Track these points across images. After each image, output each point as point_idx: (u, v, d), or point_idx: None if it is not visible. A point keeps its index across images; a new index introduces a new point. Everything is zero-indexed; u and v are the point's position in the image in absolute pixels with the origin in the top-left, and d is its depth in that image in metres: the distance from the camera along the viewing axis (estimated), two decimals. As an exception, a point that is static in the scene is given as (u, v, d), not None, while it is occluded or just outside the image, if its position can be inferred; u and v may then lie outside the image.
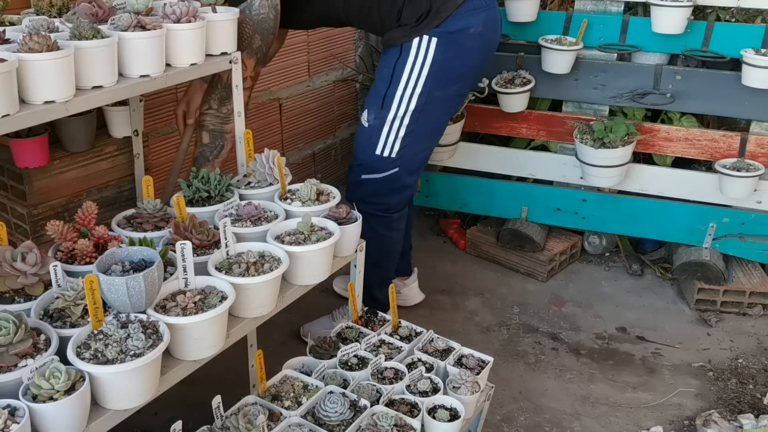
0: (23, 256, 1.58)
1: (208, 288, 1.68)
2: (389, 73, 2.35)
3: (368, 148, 2.43)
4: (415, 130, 2.40)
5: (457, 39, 2.31)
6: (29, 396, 1.35)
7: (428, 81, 2.32)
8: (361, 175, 2.48)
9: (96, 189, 2.30)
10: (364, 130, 2.44)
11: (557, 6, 3.32)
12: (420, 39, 2.29)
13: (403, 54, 2.32)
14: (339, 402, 1.82)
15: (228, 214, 1.99)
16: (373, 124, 2.40)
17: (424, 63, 2.30)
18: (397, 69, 2.33)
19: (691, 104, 2.97)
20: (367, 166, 2.46)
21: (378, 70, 2.44)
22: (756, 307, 2.99)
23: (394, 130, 2.39)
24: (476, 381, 2.01)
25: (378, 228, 2.52)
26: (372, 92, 2.44)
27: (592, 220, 3.23)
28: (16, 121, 1.53)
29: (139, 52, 1.76)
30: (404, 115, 2.37)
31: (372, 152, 2.43)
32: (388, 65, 2.36)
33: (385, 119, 2.38)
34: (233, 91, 2.12)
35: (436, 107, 2.41)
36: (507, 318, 2.96)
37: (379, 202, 2.50)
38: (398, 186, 2.50)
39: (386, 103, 2.37)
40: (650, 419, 2.42)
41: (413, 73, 2.31)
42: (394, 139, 2.40)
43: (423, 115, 2.38)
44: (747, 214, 2.98)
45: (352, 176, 2.53)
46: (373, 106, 2.40)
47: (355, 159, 2.51)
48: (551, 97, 3.19)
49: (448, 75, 2.35)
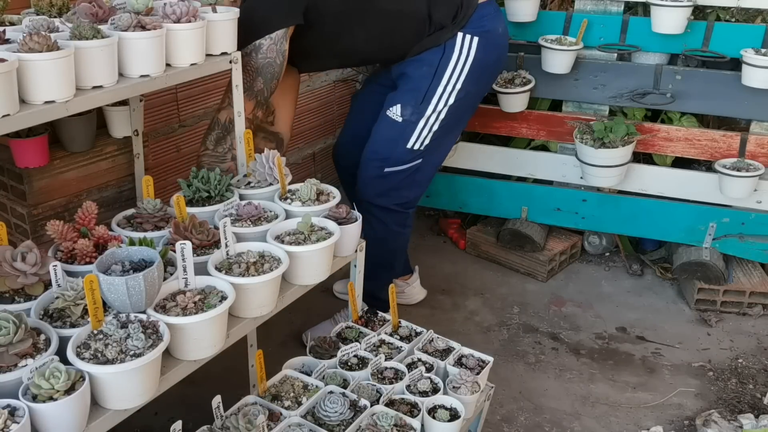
0: (23, 256, 1.58)
1: (208, 288, 1.68)
2: (431, 71, 2.38)
3: (399, 143, 2.45)
4: (447, 124, 2.46)
5: (493, 38, 2.41)
6: (29, 396, 1.35)
7: (468, 77, 2.39)
8: (384, 168, 2.48)
9: (96, 189, 2.30)
10: (396, 125, 2.44)
11: (557, 6, 3.32)
12: (463, 36, 2.35)
13: (447, 51, 2.37)
14: (339, 402, 1.82)
15: (228, 214, 1.99)
16: (409, 119, 2.42)
17: (467, 60, 2.37)
18: (441, 66, 2.38)
19: (691, 104, 2.97)
20: (393, 160, 2.47)
21: (414, 69, 2.42)
22: (756, 307, 2.99)
23: (429, 125, 2.43)
24: (476, 381, 2.01)
25: (393, 225, 2.54)
26: (408, 88, 2.43)
27: (592, 220, 3.23)
28: (16, 121, 1.53)
29: (139, 52, 1.76)
30: (442, 110, 2.42)
31: (403, 147, 2.45)
32: (429, 64, 2.39)
33: (423, 114, 2.41)
34: (233, 90, 2.12)
35: (469, 103, 2.49)
36: (507, 318, 2.96)
37: (398, 196, 2.52)
38: (419, 179, 2.53)
39: (427, 98, 2.40)
40: (650, 419, 2.42)
41: (456, 70, 2.37)
42: (427, 133, 2.44)
43: (458, 110, 2.45)
44: (747, 214, 2.98)
45: (371, 171, 2.51)
46: (411, 101, 2.41)
47: (376, 153, 2.49)
48: (551, 97, 3.19)
49: (483, 72, 2.44)
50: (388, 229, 2.54)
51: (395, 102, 2.44)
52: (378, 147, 2.49)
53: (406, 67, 2.44)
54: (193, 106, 2.83)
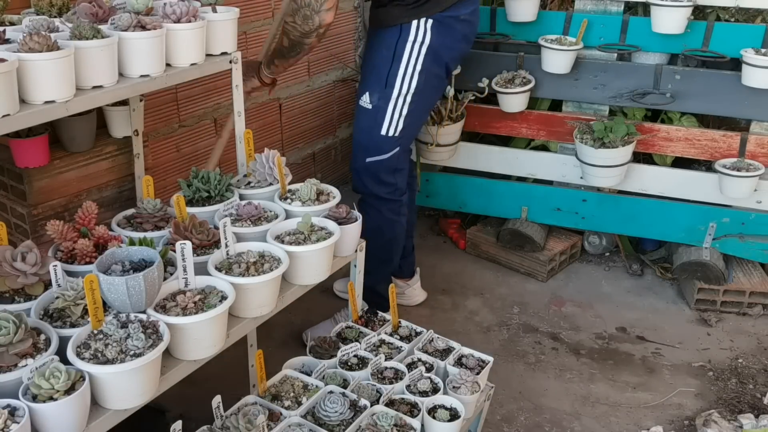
0: (23, 255, 1.58)
1: (208, 288, 1.68)
2: (390, 53, 2.42)
3: (374, 130, 2.48)
4: (415, 109, 2.48)
5: (450, 23, 2.43)
6: (29, 396, 1.35)
7: (426, 60, 2.42)
8: (366, 158, 2.51)
9: (96, 189, 2.30)
10: (368, 112, 2.47)
11: (557, 6, 3.32)
12: (419, 21, 2.38)
13: (403, 34, 2.40)
14: (339, 402, 1.82)
15: (228, 214, 1.99)
16: (378, 104, 2.45)
17: (423, 43, 2.40)
18: (398, 48, 2.41)
19: (691, 104, 2.97)
20: (372, 148, 2.49)
21: (374, 52, 2.47)
22: (756, 307, 2.99)
23: (398, 109, 2.45)
24: (476, 381, 2.01)
25: (389, 214, 2.58)
26: (372, 74, 2.47)
27: (592, 220, 3.23)
28: (16, 121, 1.53)
29: (139, 52, 1.76)
30: (407, 94, 2.44)
31: (378, 133, 2.47)
32: (387, 46, 2.42)
33: (390, 98, 2.44)
34: (233, 91, 2.12)
35: (432, 86, 2.52)
36: (507, 318, 2.96)
37: (386, 184, 2.55)
38: (399, 166, 2.56)
39: (390, 83, 2.43)
40: (650, 419, 2.42)
41: (413, 52, 2.40)
42: (398, 118, 2.46)
43: (422, 94, 2.47)
44: (747, 214, 2.98)
45: (356, 162, 2.55)
46: (376, 86, 2.45)
47: (358, 144, 2.53)
48: (551, 97, 3.19)
49: (442, 56, 2.45)
50: (383, 218, 2.57)
51: (363, 90, 2.49)
52: (358, 137, 2.53)
53: (369, 53, 2.49)
54: (193, 106, 2.83)
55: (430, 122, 3.12)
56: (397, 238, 2.66)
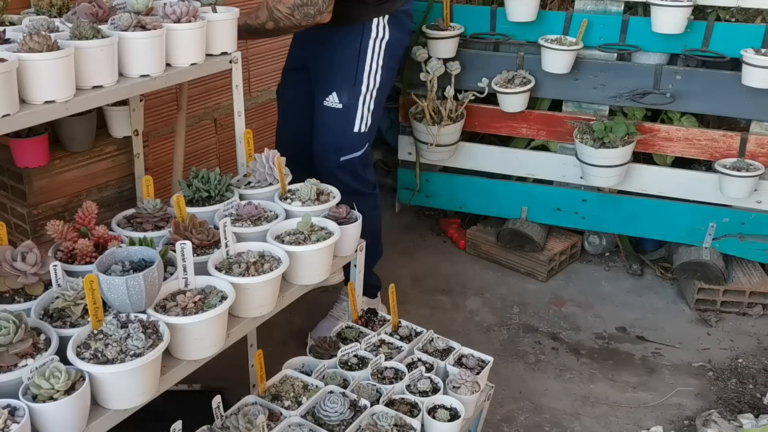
0: (23, 255, 1.58)
1: (208, 288, 1.68)
2: (355, 51, 2.44)
3: (346, 128, 2.49)
4: (379, 103, 2.54)
5: (401, 18, 2.49)
6: (29, 396, 1.35)
7: (386, 56, 2.47)
8: (339, 158, 2.50)
9: (96, 189, 2.30)
10: (338, 113, 2.47)
11: (557, 6, 3.32)
12: (378, 18, 2.43)
13: (366, 31, 2.43)
14: (339, 402, 1.82)
15: (228, 214, 1.99)
16: (348, 103, 2.46)
17: (383, 39, 2.45)
18: (362, 46, 2.44)
19: (691, 104, 2.97)
20: (346, 147, 2.50)
21: (334, 51, 2.46)
22: (756, 307, 2.99)
23: (366, 106, 2.49)
24: (476, 381, 2.01)
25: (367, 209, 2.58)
26: (337, 73, 2.47)
27: (592, 220, 3.23)
28: (16, 121, 1.53)
29: (139, 52, 1.76)
30: (373, 89, 2.48)
31: (351, 131, 2.49)
32: (352, 44, 2.44)
33: (359, 95, 2.47)
34: (233, 91, 2.11)
35: (390, 80, 2.58)
36: (507, 318, 2.96)
37: (364, 179, 2.57)
38: (369, 160, 2.61)
39: (358, 80, 2.46)
40: (650, 419, 2.42)
41: (376, 49, 2.45)
42: (367, 114, 2.49)
43: (384, 89, 2.53)
44: (747, 214, 2.98)
45: (328, 164, 2.52)
46: (344, 85, 2.46)
47: (329, 144, 2.50)
48: (551, 97, 3.19)
49: (397, 50, 2.53)
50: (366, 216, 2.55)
51: (329, 91, 2.47)
52: (328, 139, 2.51)
53: (327, 53, 2.47)
54: (193, 106, 2.83)
55: (430, 122, 3.12)
56: (379, 230, 2.72)
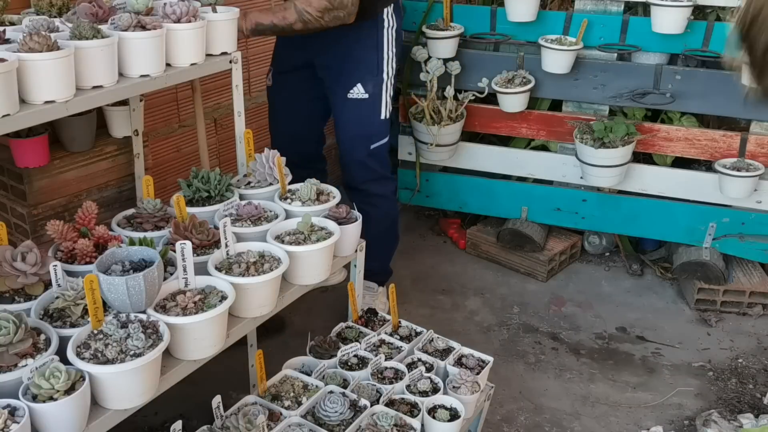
0: (23, 255, 1.58)
1: (208, 288, 1.68)
2: (374, 42, 2.52)
3: (373, 117, 2.57)
4: (394, 89, 2.64)
5: (398, 6, 2.60)
6: (29, 396, 1.35)
7: (395, 44, 2.59)
8: (370, 146, 2.58)
9: (96, 189, 2.30)
10: (365, 103, 2.54)
11: (557, 6, 3.32)
12: (388, 8, 2.52)
13: (380, 23, 2.51)
14: (339, 402, 1.82)
15: (228, 214, 1.99)
16: (373, 92, 2.54)
17: (393, 27, 2.55)
18: (379, 36, 2.53)
19: (691, 104, 2.97)
20: (374, 135, 2.58)
21: (353, 45, 2.50)
22: (756, 307, 2.99)
23: (388, 92, 2.58)
24: (476, 381, 2.01)
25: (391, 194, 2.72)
26: (361, 64, 2.52)
27: (592, 220, 3.23)
28: (16, 121, 1.53)
29: (139, 52, 1.76)
30: (392, 77, 2.59)
31: (378, 119, 2.57)
32: (369, 36, 2.50)
33: (382, 84, 2.56)
34: (233, 91, 2.12)
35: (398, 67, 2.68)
36: (507, 318, 2.96)
37: (387, 165, 2.66)
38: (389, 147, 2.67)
39: (379, 69, 2.55)
40: (650, 419, 2.42)
41: (389, 38, 2.55)
42: (389, 100, 2.60)
43: (395, 75, 2.64)
44: (747, 214, 2.98)
45: (357, 154, 2.59)
46: (368, 76, 2.53)
47: (357, 136, 2.56)
48: (551, 97, 3.19)
49: (400, 37, 2.64)
50: (390, 200, 2.69)
51: (353, 83, 2.53)
52: (356, 130, 2.57)
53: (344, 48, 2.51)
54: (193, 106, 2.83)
55: (430, 122, 3.12)
56: (398, 216, 2.79)
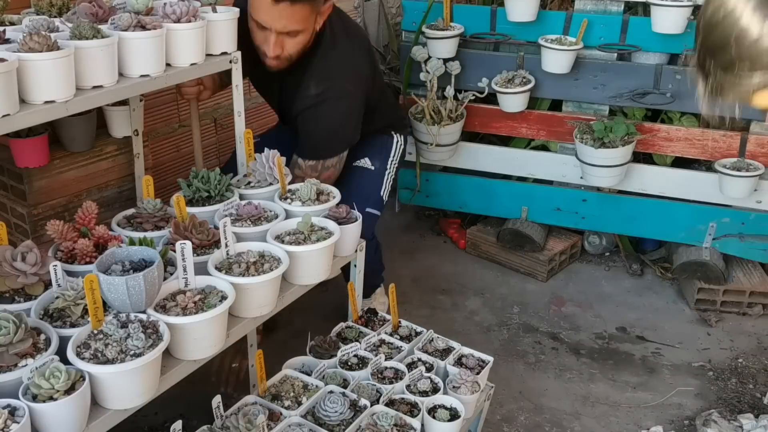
0: (23, 255, 1.58)
1: (208, 288, 1.68)
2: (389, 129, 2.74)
3: (376, 188, 2.64)
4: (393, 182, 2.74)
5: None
6: (29, 396, 1.35)
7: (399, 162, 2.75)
8: (366, 208, 2.53)
9: (96, 189, 2.30)
10: (370, 173, 2.64)
11: (557, 6, 3.32)
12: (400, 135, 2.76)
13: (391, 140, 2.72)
14: (339, 402, 1.82)
15: (228, 214, 1.99)
16: (380, 168, 2.66)
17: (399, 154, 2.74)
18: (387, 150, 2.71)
19: (691, 104, 2.97)
20: (373, 202, 2.60)
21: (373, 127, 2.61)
22: (756, 306, 2.99)
23: (390, 178, 2.68)
24: (476, 381, 2.01)
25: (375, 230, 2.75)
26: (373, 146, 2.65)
27: (592, 219, 3.23)
28: (16, 121, 1.53)
29: (139, 51, 1.76)
30: (395, 163, 2.71)
31: (378, 192, 2.63)
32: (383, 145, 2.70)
33: (386, 166, 2.68)
34: (233, 91, 2.12)
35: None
36: (507, 318, 2.96)
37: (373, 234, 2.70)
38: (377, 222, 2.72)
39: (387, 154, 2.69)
40: (650, 419, 2.42)
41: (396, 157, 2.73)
42: (389, 185, 2.68)
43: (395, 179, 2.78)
44: (747, 214, 2.98)
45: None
46: (377, 155, 2.66)
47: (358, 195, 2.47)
48: (551, 97, 3.19)
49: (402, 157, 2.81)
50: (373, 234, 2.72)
51: (361, 156, 2.63)
52: (359, 189, 2.54)
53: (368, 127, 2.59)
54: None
55: (430, 122, 3.12)
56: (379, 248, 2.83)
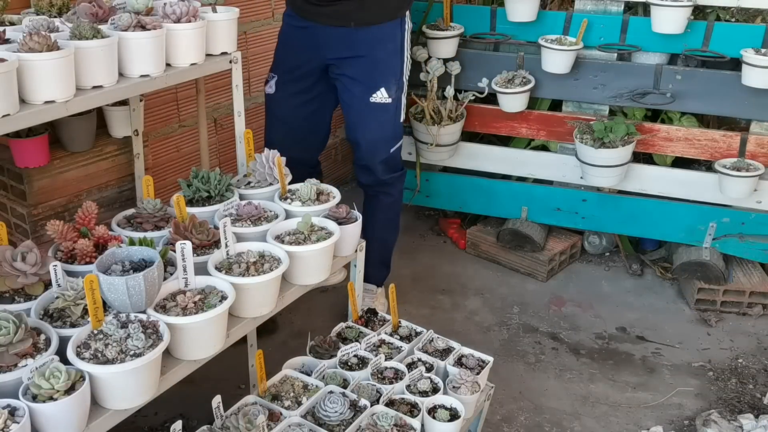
0: (23, 255, 1.58)
1: (208, 288, 1.68)
2: (396, 45, 2.52)
3: (395, 120, 2.59)
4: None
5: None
6: (29, 396, 1.35)
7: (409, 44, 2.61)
8: (391, 149, 2.60)
9: (96, 189, 2.30)
10: (387, 107, 2.52)
11: (557, 6, 3.32)
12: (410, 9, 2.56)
13: (403, 24, 2.52)
14: (339, 402, 1.82)
15: (228, 214, 1.99)
16: (396, 95, 2.54)
17: (409, 29, 2.57)
18: (401, 40, 2.53)
19: (691, 104, 2.97)
20: (396, 138, 2.61)
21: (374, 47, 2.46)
22: (756, 307, 2.99)
23: (405, 95, 2.60)
24: (476, 381, 2.01)
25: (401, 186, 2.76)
26: (384, 69, 2.50)
27: (592, 220, 3.23)
28: (16, 121, 1.53)
29: (139, 52, 1.76)
30: (407, 79, 2.61)
31: (398, 122, 2.60)
32: (392, 39, 2.49)
33: (403, 87, 2.59)
34: (233, 91, 2.12)
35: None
36: (507, 318, 2.96)
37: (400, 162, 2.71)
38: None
39: (402, 72, 2.57)
40: (650, 419, 2.42)
41: (406, 40, 2.55)
42: (405, 103, 2.61)
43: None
44: (747, 214, 2.98)
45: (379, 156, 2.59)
46: (392, 79, 2.52)
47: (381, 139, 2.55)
48: (551, 97, 3.19)
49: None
50: (400, 188, 2.75)
51: (376, 87, 2.49)
52: (381, 133, 2.56)
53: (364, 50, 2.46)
54: (193, 106, 2.83)
55: (430, 122, 3.12)
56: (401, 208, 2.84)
